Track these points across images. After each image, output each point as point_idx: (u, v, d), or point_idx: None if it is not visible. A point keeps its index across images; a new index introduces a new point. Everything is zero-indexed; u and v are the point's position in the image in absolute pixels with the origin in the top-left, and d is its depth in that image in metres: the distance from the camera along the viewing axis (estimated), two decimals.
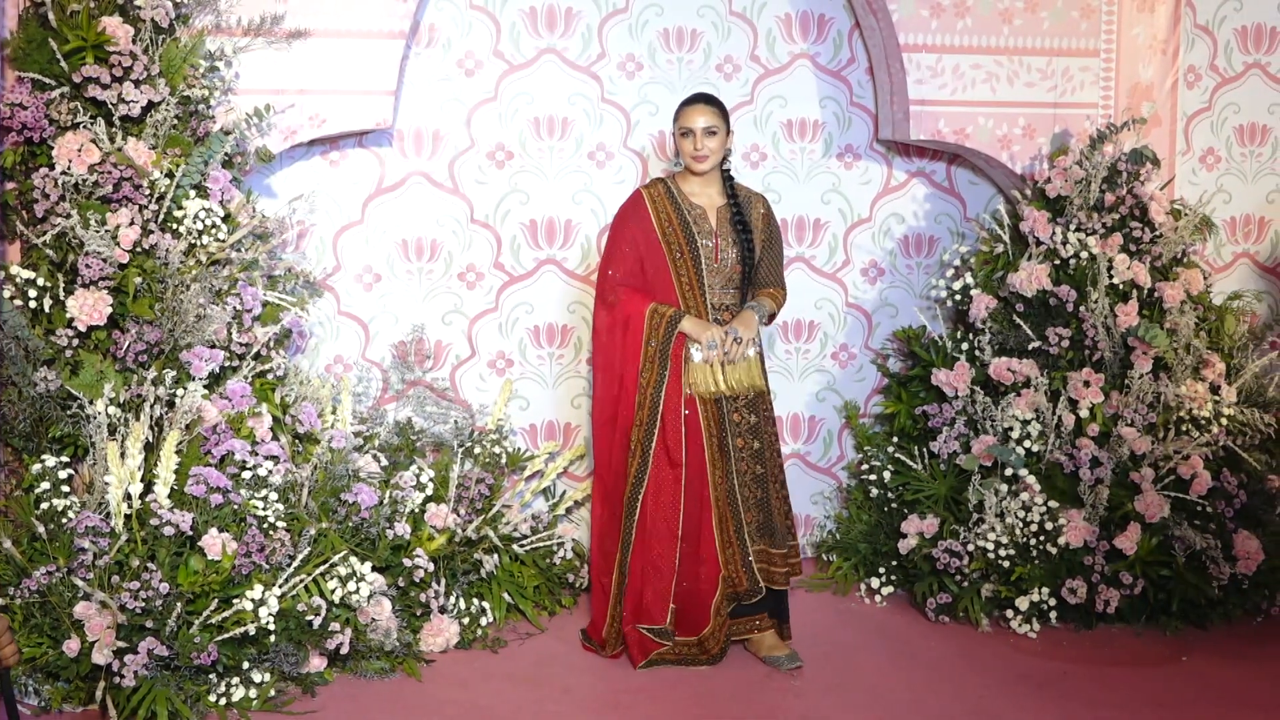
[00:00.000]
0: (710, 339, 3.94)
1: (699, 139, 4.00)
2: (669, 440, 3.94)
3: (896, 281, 5.24)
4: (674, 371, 3.96)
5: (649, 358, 3.97)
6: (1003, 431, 4.51)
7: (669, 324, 3.95)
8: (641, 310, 3.98)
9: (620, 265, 4.04)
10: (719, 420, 4.02)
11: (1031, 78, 4.91)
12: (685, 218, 4.04)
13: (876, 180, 5.19)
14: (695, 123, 4.01)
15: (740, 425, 4.06)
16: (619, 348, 4.02)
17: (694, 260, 4.02)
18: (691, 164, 4.04)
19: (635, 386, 3.97)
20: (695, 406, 3.98)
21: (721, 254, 4.06)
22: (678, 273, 4.03)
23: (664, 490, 3.95)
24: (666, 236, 4.03)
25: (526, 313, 4.98)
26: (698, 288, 4.03)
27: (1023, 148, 4.93)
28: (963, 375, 4.68)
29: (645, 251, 4.03)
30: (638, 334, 3.97)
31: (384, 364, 4.85)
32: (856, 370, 5.25)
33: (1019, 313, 4.69)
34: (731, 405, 4.04)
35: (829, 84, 5.11)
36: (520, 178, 4.93)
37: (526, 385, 5.00)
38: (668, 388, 3.95)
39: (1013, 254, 4.82)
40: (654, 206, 4.06)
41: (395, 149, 4.82)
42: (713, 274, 4.05)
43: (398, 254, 4.85)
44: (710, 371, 3.95)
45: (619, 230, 4.08)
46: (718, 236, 4.06)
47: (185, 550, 3.66)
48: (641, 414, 3.96)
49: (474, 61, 4.86)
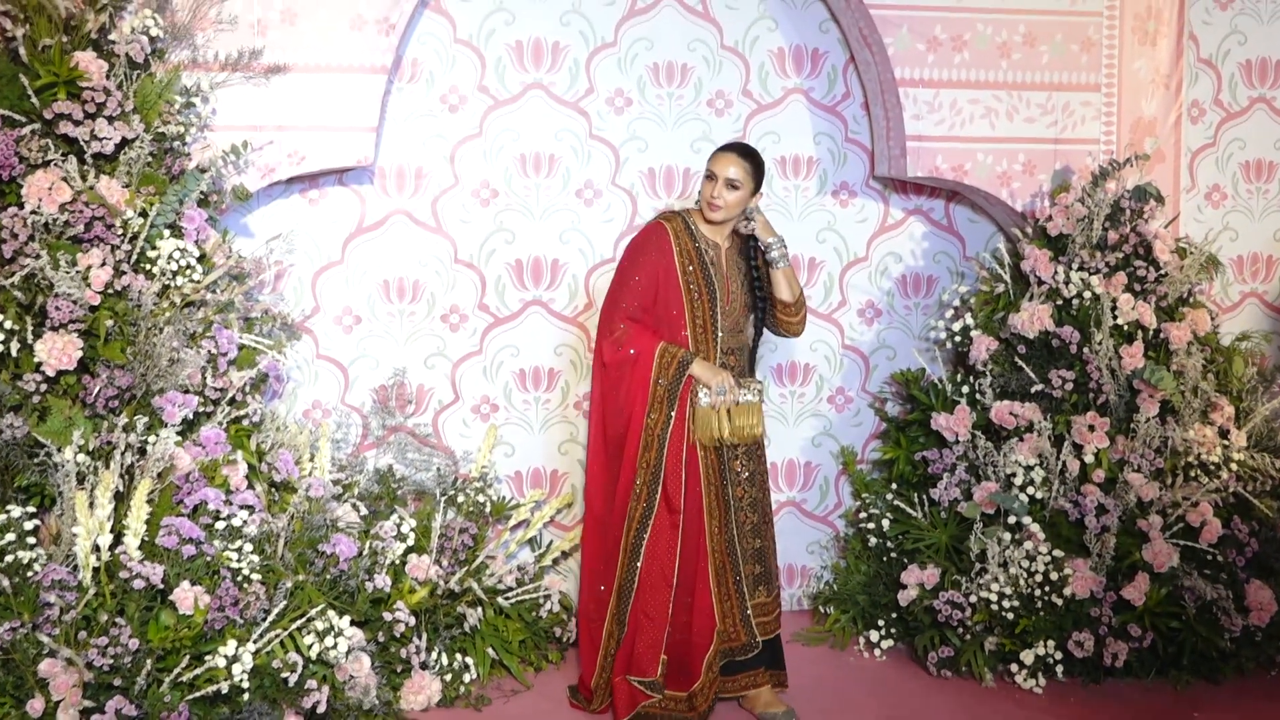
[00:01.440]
0: (720, 384, 3.94)
1: (719, 188, 3.97)
2: (669, 485, 3.94)
3: (894, 323, 5.24)
4: (679, 414, 3.95)
5: (656, 398, 3.95)
6: (1005, 478, 4.50)
7: (680, 365, 3.93)
8: (651, 348, 3.95)
9: (633, 297, 4.00)
10: (719, 469, 4.03)
11: (1031, 113, 4.92)
12: (703, 258, 4.04)
13: (873, 218, 5.20)
14: (722, 170, 3.98)
15: (740, 474, 4.07)
16: (625, 384, 3.98)
17: (710, 301, 4.02)
18: (705, 210, 4.02)
19: (642, 426, 3.95)
20: (695, 452, 3.98)
21: (732, 297, 4.07)
22: (693, 314, 4.01)
23: (661, 536, 3.93)
24: (686, 274, 4.01)
25: (512, 356, 4.97)
26: (710, 329, 4.03)
27: (1023, 184, 4.93)
28: (963, 419, 4.67)
29: (663, 286, 4.00)
30: (646, 372, 3.95)
31: (364, 409, 4.84)
32: (853, 414, 5.24)
33: (1021, 355, 4.68)
34: (731, 453, 4.05)
35: (823, 119, 5.13)
36: (506, 216, 4.93)
37: (512, 431, 4.98)
38: (673, 431, 3.94)
39: (1014, 294, 4.83)
40: (677, 241, 4.02)
41: (376, 187, 4.82)
42: (724, 316, 4.06)
43: (379, 295, 4.84)
44: (716, 418, 3.95)
45: (635, 260, 4.03)
46: (728, 280, 4.07)
47: (156, 605, 3.62)
48: (648, 455, 3.94)
49: (458, 97, 4.87)
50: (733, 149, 4.03)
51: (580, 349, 5.01)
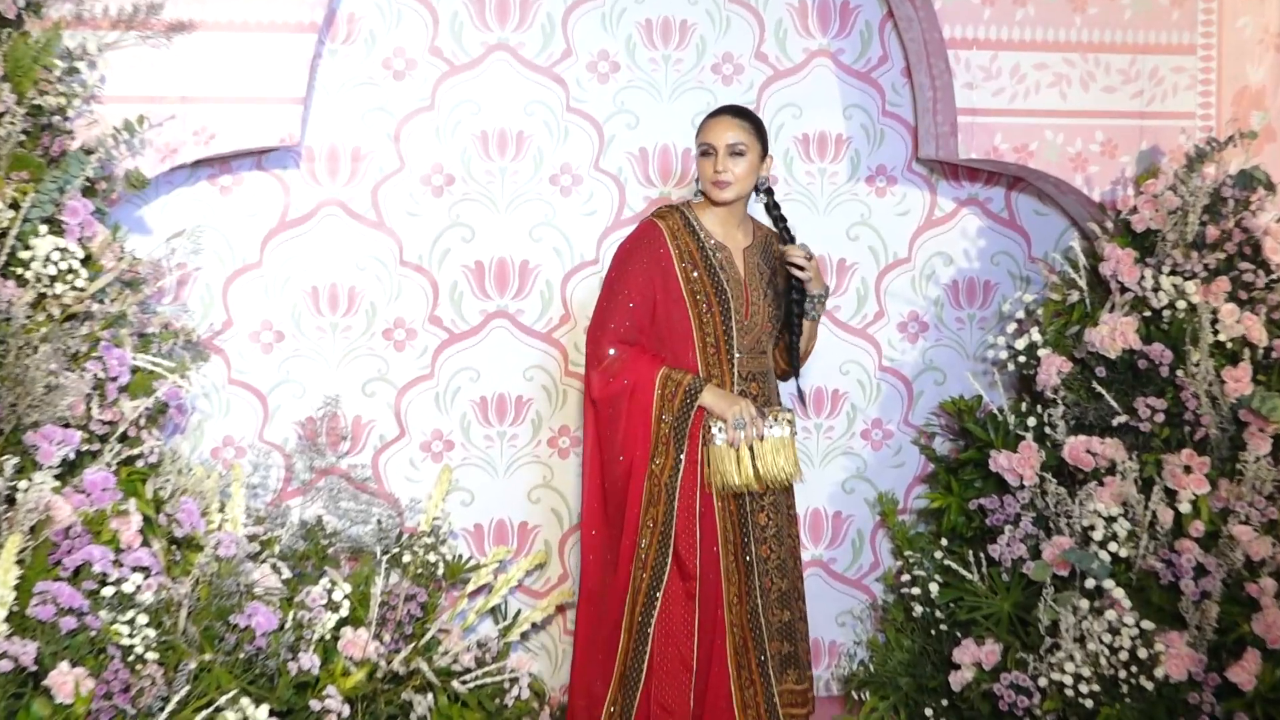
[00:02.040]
0: (739, 416, 3.93)
1: (721, 159, 3.99)
2: (681, 547, 3.96)
3: (944, 339, 5.24)
4: (690, 457, 3.97)
5: (661, 438, 3.97)
6: (1081, 531, 4.50)
7: (686, 395, 3.96)
8: (650, 376, 3.98)
9: (624, 315, 4.02)
10: (739, 523, 4.04)
11: (1111, 80, 4.91)
12: (711, 260, 4.05)
13: (917, 210, 5.20)
14: (718, 138, 4.00)
15: (765, 530, 4.08)
16: (622, 423, 4.01)
17: (723, 316, 4.04)
18: (710, 190, 4.04)
19: (644, 474, 3.98)
20: (710, 503, 4.00)
21: (752, 309, 4.07)
22: (702, 331, 4.04)
23: (674, 608, 3.96)
24: (691, 283, 4.03)
25: (471, 380, 4.96)
26: (725, 351, 4.05)
27: (1101, 169, 4.92)
28: (1030, 459, 4.66)
29: (662, 300, 4.03)
30: (646, 407, 3.98)
31: (287, 447, 4.83)
32: (893, 453, 5.24)
33: (1100, 378, 4.68)
34: (756, 504, 4.06)
35: (855, 89, 5.12)
36: (463, 208, 4.92)
37: (471, 474, 4.97)
38: (683, 478, 3.96)
39: (1091, 304, 4.83)
40: (674, 243, 4.05)
41: (304, 172, 4.81)
42: (741, 334, 4.07)
43: (306, 306, 4.84)
44: (735, 458, 3.96)
45: (626, 269, 4.06)
46: (747, 287, 4.08)
47: (27, 691, 3.57)
48: (655, 511, 3.97)
49: (405, 61, 4.86)
50: (724, 111, 4.08)
51: (555, 372, 5.00)
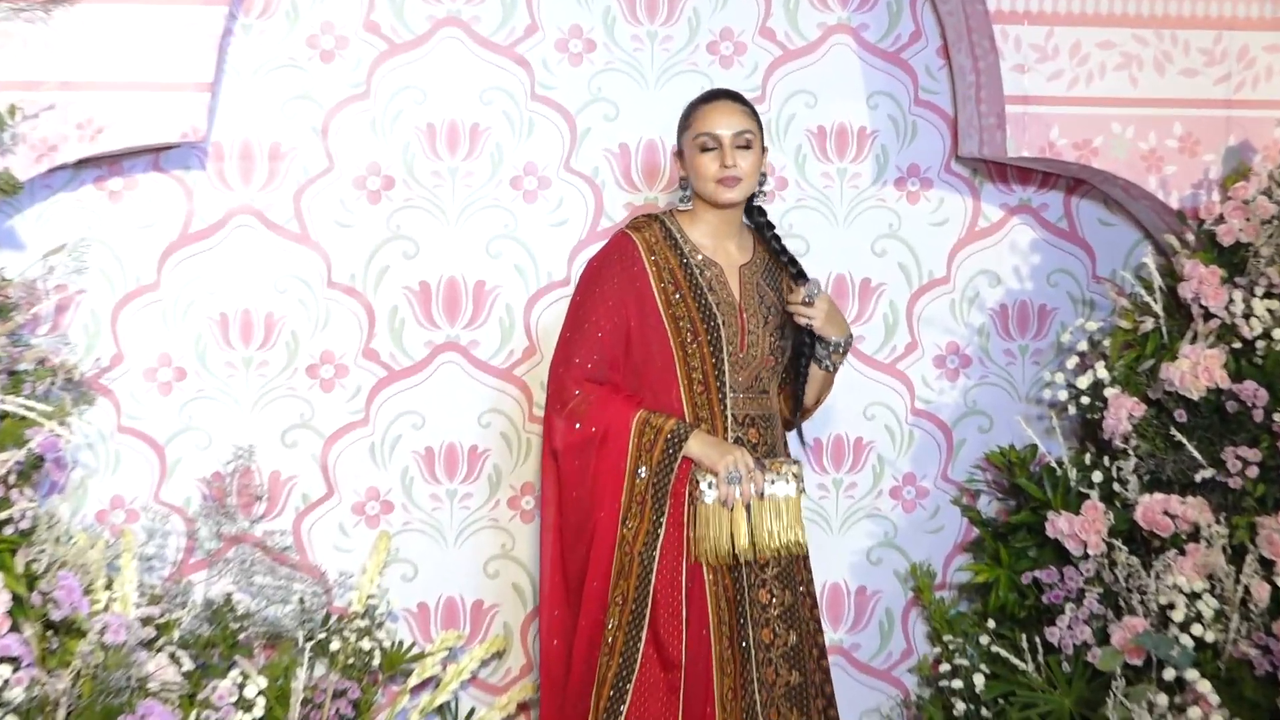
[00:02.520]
0: (733, 467, 3.93)
1: (728, 152, 4.04)
2: (661, 628, 3.96)
3: (990, 376, 5.27)
4: (674, 519, 3.99)
5: (636, 496, 3.99)
6: (1158, 611, 4.52)
7: (669, 443, 3.98)
8: (625, 421, 4.00)
9: (593, 348, 4.06)
10: (734, 599, 4.04)
11: (1192, 61, 4.95)
12: (697, 280, 4.09)
13: (957, 220, 5.24)
14: (725, 126, 4.05)
15: (768, 609, 4.09)
16: (588, 479, 4.04)
17: (713, 347, 4.08)
18: (716, 191, 4.08)
19: (613, 541, 4.00)
20: (701, 576, 4.02)
21: (749, 340, 4.10)
22: (687, 366, 4.08)
23: (652, 704, 3.97)
24: (673, 307, 4.08)
25: (414, 428, 4.97)
26: (715, 390, 4.09)
27: (1181, 169, 4.95)
28: (1095, 522, 4.69)
29: (638, 328, 4.07)
30: (619, 458, 4.00)
31: (190, 509, 4.82)
32: (929, 515, 5.25)
33: (1180, 424, 4.69)
34: (756, 576, 4.08)
35: (882, 73, 5.17)
36: (405, 217, 4.94)
37: (414, 542, 4.97)
38: (664, 545, 3.97)
39: (1168, 333, 4.86)
40: (652, 259, 4.11)
41: (211, 174, 4.83)
42: (736, 369, 4.09)
43: (213, 336, 4.84)
44: (729, 520, 3.96)
45: (594, 292, 4.10)
46: (744, 312, 4.11)
47: None
48: (625, 585, 3.99)
49: (334, 39, 4.87)
50: (722, 95, 4.16)
51: (518, 417, 5.00)
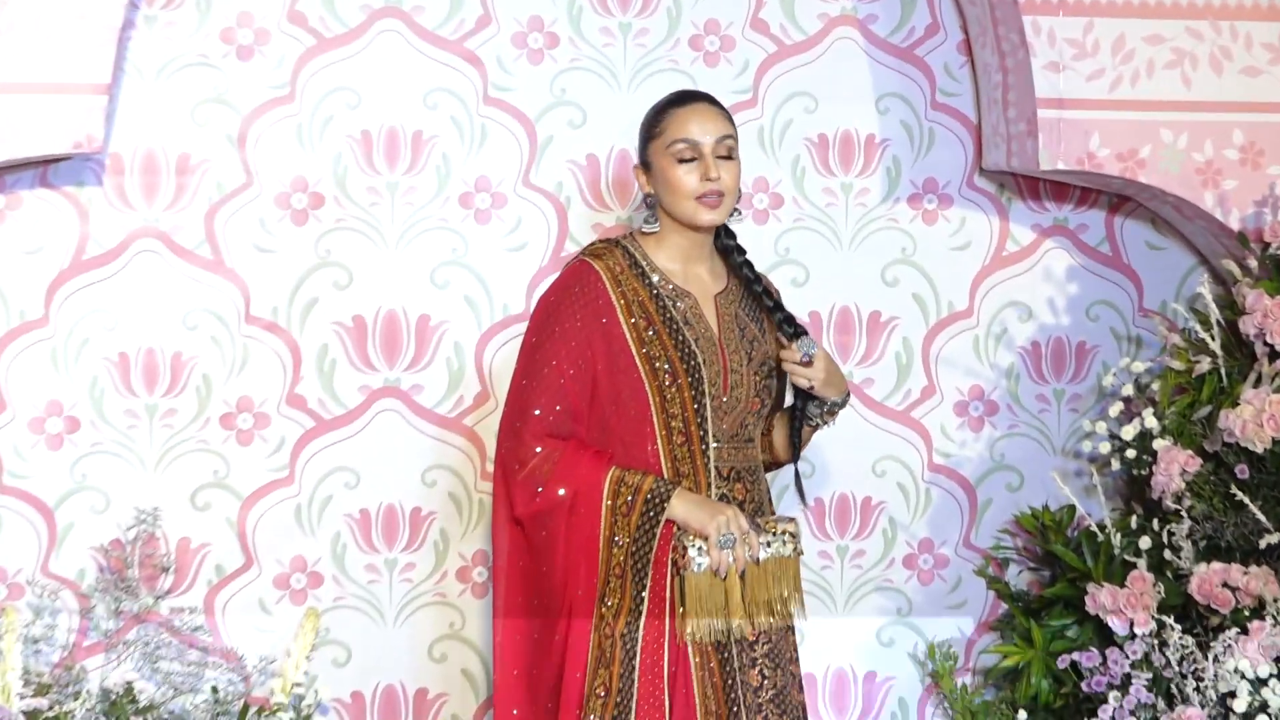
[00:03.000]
0: (724, 529, 3.77)
1: (710, 163, 3.89)
2: None
3: (1019, 426, 5.17)
4: (657, 592, 3.83)
5: (614, 569, 3.85)
6: (1218, 699, 4.37)
7: (649, 504, 3.81)
8: (597, 481, 3.83)
9: (554, 396, 3.90)
10: (723, 685, 3.91)
11: (1255, 59, 4.89)
12: (671, 312, 3.95)
13: (981, 243, 5.15)
14: (705, 132, 3.91)
15: (760, 692, 3.95)
16: (556, 551, 3.89)
17: (695, 390, 3.94)
18: (696, 211, 3.92)
19: (588, 625, 3.85)
20: (685, 660, 3.87)
21: (732, 379, 3.97)
22: (666, 414, 3.94)
23: None
24: (647, 346, 3.94)
25: (347, 487, 4.81)
26: (697, 440, 3.95)
27: (1242, 183, 4.90)
28: (1143, 596, 4.56)
29: (606, 373, 3.93)
30: (591, 525, 3.84)
31: (83, 583, 4.68)
32: (949, 588, 5.15)
33: (1242, 481, 4.58)
34: (745, 656, 3.94)
35: (893, 72, 5.11)
36: (337, 241, 4.83)
37: (347, 620, 4.82)
38: (646, 625, 3.82)
39: (1228, 375, 4.78)
40: (619, 293, 3.97)
41: (109, 190, 4.73)
42: (719, 415, 3.96)
43: (111, 381, 4.72)
44: (723, 591, 3.81)
45: (552, 330, 3.96)
46: (724, 348, 3.98)
47: None
48: (606, 674, 3.83)
49: (253, 33, 4.79)
50: (698, 98, 4.02)
51: (468, 473, 4.89)
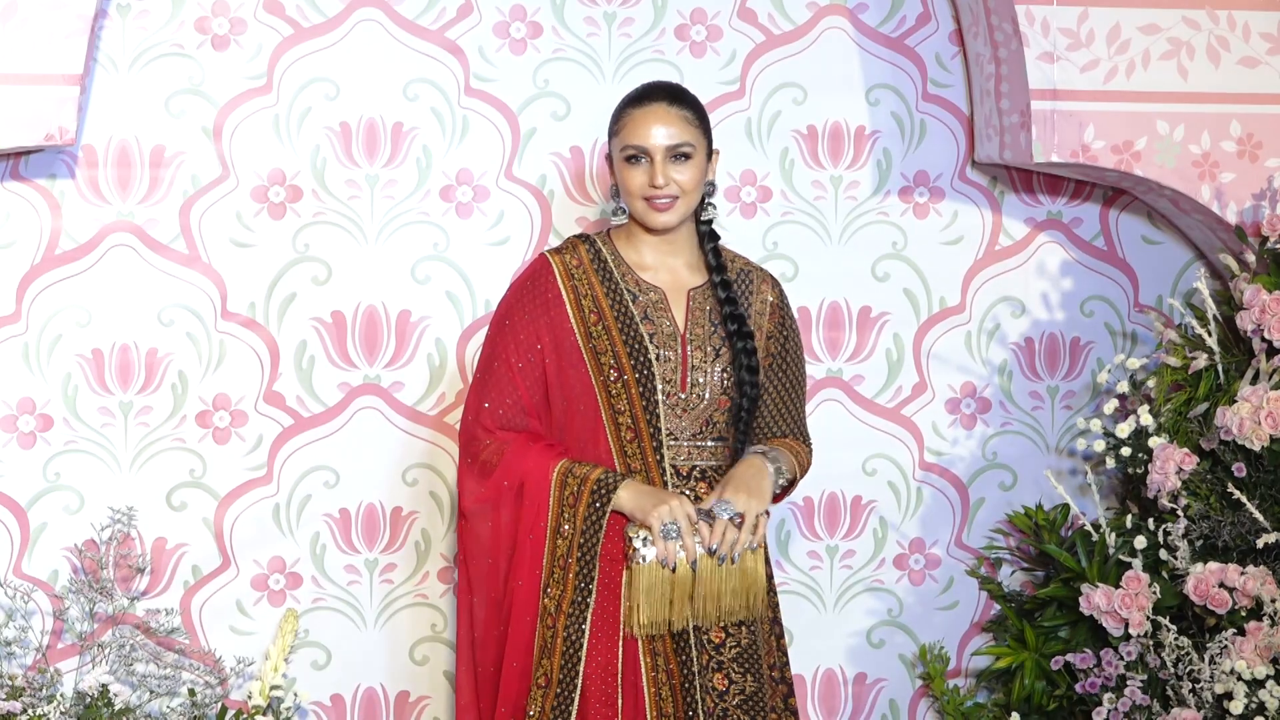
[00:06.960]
0: (667, 519, 3.75)
1: (660, 168, 3.86)
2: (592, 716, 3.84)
3: (1012, 423, 5.16)
4: (605, 585, 3.82)
5: (559, 560, 3.85)
6: (1214, 701, 4.42)
7: (595, 495, 3.82)
8: (545, 471, 3.86)
9: (506, 390, 3.93)
10: (683, 680, 3.87)
11: (1253, 49, 4.88)
12: (629, 308, 3.96)
13: (973, 237, 5.13)
14: (652, 137, 3.87)
15: (725, 697, 3.89)
16: (502, 541, 3.89)
17: (643, 387, 3.92)
18: (646, 214, 3.91)
19: (533, 614, 3.85)
20: (637, 653, 3.85)
21: (693, 376, 3.95)
22: (613, 410, 3.95)
23: None
24: (594, 340, 3.94)
25: (326, 486, 4.82)
26: (648, 437, 3.94)
27: (1240, 177, 4.88)
28: (1139, 597, 4.56)
29: (555, 367, 3.94)
30: (538, 515, 3.85)
31: (57, 584, 4.68)
32: (940, 589, 5.14)
33: (1239, 480, 4.59)
34: (710, 657, 3.90)
35: (883, 62, 5.10)
36: (315, 235, 4.83)
37: (327, 622, 4.84)
38: (594, 617, 3.81)
39: (1225, 372, 4.76)
40: (570, 287, 3.99)
41: (82, 183, 4.72)
42: (676, 413, 3.93)
43: (84, 378, 4.72)
44: (671, 584, 3.77)
45: (507, 326, 3.99)
46: (686, 344, 3.95)
47: None
48: (549, 665, 3.82)
49: (229, 22, 4.77)
50: (656, 95, 3.96)
51: (450, 472, 4.89)
